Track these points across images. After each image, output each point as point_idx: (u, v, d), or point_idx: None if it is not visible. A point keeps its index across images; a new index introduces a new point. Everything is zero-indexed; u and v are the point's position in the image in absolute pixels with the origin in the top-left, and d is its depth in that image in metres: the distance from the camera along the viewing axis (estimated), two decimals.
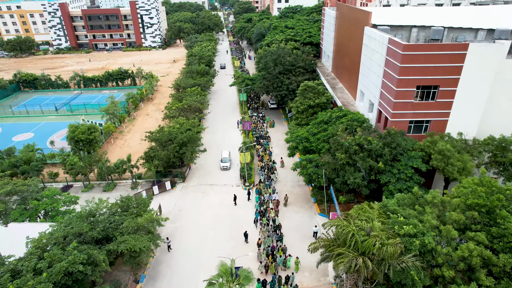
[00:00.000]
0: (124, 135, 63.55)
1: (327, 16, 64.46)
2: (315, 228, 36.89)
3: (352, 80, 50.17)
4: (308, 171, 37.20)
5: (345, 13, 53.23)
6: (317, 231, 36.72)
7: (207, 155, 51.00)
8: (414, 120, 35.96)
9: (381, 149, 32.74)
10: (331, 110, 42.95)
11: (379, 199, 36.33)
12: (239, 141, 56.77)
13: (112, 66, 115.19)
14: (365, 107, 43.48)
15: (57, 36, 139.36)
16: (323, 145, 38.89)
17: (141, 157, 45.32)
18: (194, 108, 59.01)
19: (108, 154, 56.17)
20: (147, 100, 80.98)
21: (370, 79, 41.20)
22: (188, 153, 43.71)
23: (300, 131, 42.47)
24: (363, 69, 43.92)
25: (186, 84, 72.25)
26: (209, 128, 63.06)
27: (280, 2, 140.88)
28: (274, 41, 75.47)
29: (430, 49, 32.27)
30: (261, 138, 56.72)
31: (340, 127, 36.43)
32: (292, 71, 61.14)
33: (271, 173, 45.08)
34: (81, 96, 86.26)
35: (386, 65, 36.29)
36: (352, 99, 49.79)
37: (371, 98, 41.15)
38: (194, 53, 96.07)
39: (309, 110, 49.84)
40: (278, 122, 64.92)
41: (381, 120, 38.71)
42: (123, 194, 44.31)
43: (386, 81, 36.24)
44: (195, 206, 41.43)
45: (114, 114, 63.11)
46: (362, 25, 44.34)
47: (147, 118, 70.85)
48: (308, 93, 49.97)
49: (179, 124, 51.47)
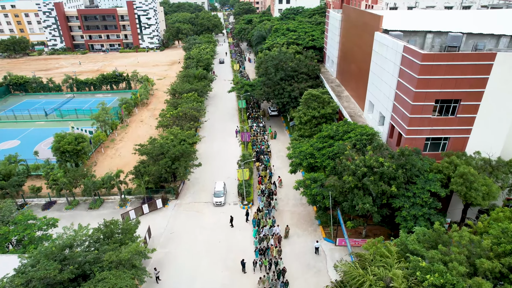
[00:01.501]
0: (116, 143, 59.90)
1: (331, 19, 60.86)
2: (316, 244, 33.74)
3: (359, 89, 46.57)
4: (312, 192, 33.58)
5: (352, 16, 49.63)
6: (318, 247, 33.68)
7: (203, 168, 47.36)
8: (431, 137, 32.35)
9: (394, 171, 29.14)
10: (337, 123, 39.29)
11: (392, 224, 32.77)
12: (237, 152, 53.16)
13: (107, 68, 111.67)
14: (375, 120, 39.86)
15: (52, 36, 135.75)
16: (329, 162, 35.27)
17: (130, 171, 41.67)
18: (189, 116, 55.38)
19: (98, 165, 52.58)
20: (141, 105, 77.33)
21: (381, 89, 37.59)
22: (181, 168, 40.07)
23: (303, 146, 38.83)
24: (373, 78, 40.32)
25: (183, 89, 68.62)
26: (206, 137, 59.41)
27: (281, 3, 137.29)
28: (275, 44, 71.87)
29: (453, 59, 28.66)
30: (262, 153, 51.63)
31: (348, 146, 32.75)
32: (295, 77, 57.51)
33: (271, 199, 40.45)
34: (73, 100, 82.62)
35: (400, 76, 32.68)
36: (360, 110, 46.17)
37: (382, 111, 37.55)
38: (192, 55, 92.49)
39: (313, 121, 46.23)
40: (279, 130, 61.27)
41: (394, 136, 35.09)
42: (111, 212, 41.05)
43: (400, 94, 32.62)
44: (188, 228, 37.75)
45: (105, 121, 59.47)
46: (371, 30, 40.74)
47: (141, 125, 67.19)
48: (312, 102, 46.34)
49: (173, 135, 47.88)
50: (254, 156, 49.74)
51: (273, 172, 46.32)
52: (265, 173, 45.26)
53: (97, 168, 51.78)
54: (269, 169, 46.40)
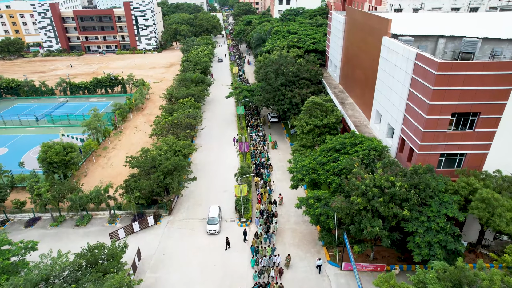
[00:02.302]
0: (108, 152, 57.08)
1: (334, 21, 58.07)
2: (318, 262, 31.19)
3: (365, 97, 43.79)
4: (315, 212, 30.79)
5: (356, 19, 46.84)
6: (321, 265, 31.19)
7: (199, 180, 44.55)
8: (446, 153, 29.57)
9: (407, 192, 26.35)
10: (344, 135, 36.45)
11: (402, 247, 29.95)
12: (235, 163, 50.33)
13: (104, 71, 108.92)
14: (383, 131, 37.07)
15: (47, 37, 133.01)
16: (334, 178, 32.49)
17: (120, 186, 38.86)
18: (185, 124, 52.56)
19: (88, 175, 49.79)
20: (136, 110, 74.52)
21: (390, 99, 34.81)
22: (175, 183, 37.24)
23: (306, 159, 36.01)
24: (380, 86, 37.53)
25: (179, 95, 65.84)
26: (202, 145, 56.59)
27: (281, 4, 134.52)
28: (275, 47, 69.09)
29: (472, 69, 25.88)
30: (261, 166, 47.90)
31: (356, 163, 29.94)
32: (296, 83, 54.71)
33: (271, 222, 36.63)
34: (66, 105, 79.83)
35: (412, 86, 29.90)
36: (365, 119, 43.37)
37: (391, 122, 34.75)
38: (189, 58, 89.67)
39: (315, 130, 43.45)
40: (280, 138, 58.43)
41: (404, 150, 32.31)
42: (99, 229, 38.23)
43: (412, 105, 29.83)
44: (181, 249, 34.90)
45: (97, 128, 56.65)
46: (378, 34, 37.95)
47: (135, 132, 64.37)
48: (315, 111, 43.54)
49: (167, 145, 45.05)
50: (253, 169, 46.41)
51: (273, 189, 42.86)
52: (264, 190, 41.83)
53: (87, 179, 49.02)
54: (269, 185, 42.93)
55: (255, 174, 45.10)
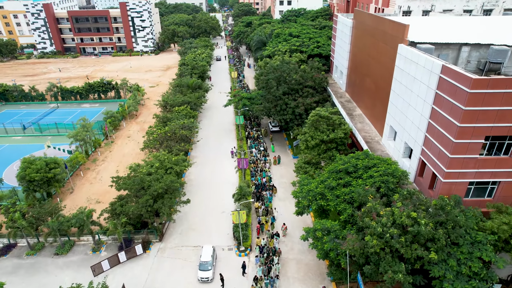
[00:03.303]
0: (98, 164, 53.09)
1: (340, 25, 54.07)
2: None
3: (376, 109, 39.82)
4: (324, 247, 26.83)
5: (366, 23, 42.84)
6: None
7: (193, 200, 40.57)
8: (476, 181, 25.62)
9: (433, 230, 22.41)
10: (355, 155, 32.38)
11: None
12: (233, 179, 46.28)
13: (98, 74, 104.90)
14: (398, 150, 33.09)
15: (41, 39, 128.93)
16: (345, 206, 28.52)
17: (105, 210, 34.89)
18: (180, 136, 48.60)
19: (75, 192, 45.83)
20: (130, 117, 70.52)
21: (407, 115, 30.83)
22: (165, 208, 33.24)
23: (312, 182, 32.02)
24: (395, 99, 33.55)
25: (174, 102, 61.86)
26: (198, 158, 52.62)
27: (282, 4, 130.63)
28: (276, 52, 65.13)
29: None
30: (263, 188, 42.63)
31: (370, 195, 25.93)
32: (299, 91, 50.70)
33: (272, 262, 31.70)
34: (57, 111, 75.90)
35: (436, 103, 25.93)
36: (377, 133, 39.39)
37: (408, 141, 30.77)
38: (186, 61, 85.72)
39: (321, 145, 39.49)
40: (282, 149, 54.40)
41: (425, 175, 28.34)
42: (81, 258, 34.21)
43: (436, 126, 25.87)
44: (172, 285, 30.93)
45: (85, 140, 52.67)
46: (393, 41, 33.97)
47: (128, 142, 60.37)
48: (321, 124, 39.57)
49: (159, 161, 41.13)
50: (253, 190, 41.86)
51: (276, 217, 38.19)
52: (266, 218, 36.98)
53: (73, 196, 45.08)
54: (270, 212, 38.17)
55: (256, 198, 40.64)
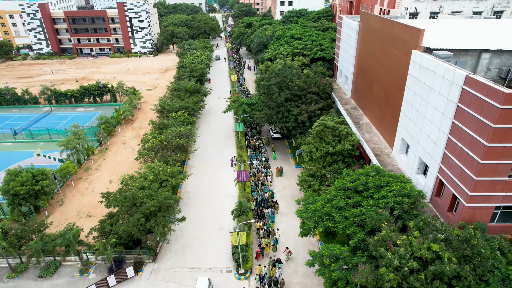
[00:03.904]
0: (91, 173, 50.49)
1: (345, 27, 51.47)
2: None
3: (385, 118, 37.24)
4: (332, 275, 24.25)
5: (374, 26, 40.24)
6: None
7: (190, 215, 38.09)
8: (503, 205, 23.04)
9: (459, 267, 19.82)
10: (365, 170, 29.73)
11: None
12: (232, 191, 43.65)
13: (95, 76, 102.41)
14: (411, 165, 30.49)
15: (37, 40, 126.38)
16: (355, 230, 25.91)
17: (94, 228, 32.31)
18: (176, 145, 46.01)
19: (64, 205, 43.24)
20: (126, 122, 67.93)
21: (422, 128, 28.25)
22: (159, 227, 30.63)
23: (318, 201, 29.41)
24: (408, 110, 30.96)
25: (171, 107, 59.28)
26: (196, 167, 50.02)
27: (283, 5, 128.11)
28: (278, 55, 62.56)
29: None
30: (264, 205, 39.34)
31: (384, 222, 23.31)
32: (302, 98, 48.10)
33: None
34: (51, 115, 73.35)
35: (458, 118, 23.34)
36: (386, 145, 36.79)
37: (424, 157, 28.19)
38: (185, 64, 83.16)
39: (327, 158, 36.91)
40: (284, 158, 51.75)
41: (444, 196, 25.76)
42: (67, 282, 31.55)
43: (458, 143, 23.28)
44: None
45: (77, 148, 50.07)
46: (406, 47, 31.39)
47: (123, 149, 57.75)
48: (327, 135, 36.97)
49: (153, 173, 38.58)
50: (254, 206, 39.01)
51: (278, 238, 34.76)
52: (267, 241, 33.62)
53: (62, 209, 42.50)
54: (272, 234, 34.95)
55: (257, 216, 37.75)
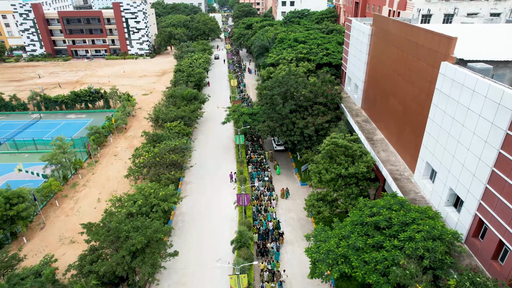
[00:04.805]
0: (78, 190, 46.30)
1: (355, 31, 47.23)
2: None
3: (404, 136, 33.01)
4: None
5: (391, 31, 35.99)
6: None
7: (184, 243, 33.92)
8: None
9: None
10: (386, 202, 25.37)
11: None
12: (232, 214, 39.39)
13: (89, 79, 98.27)
14: (439, 195, 26.25)
15: (30, 41, 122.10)
16: (377, 278, 21.68)
17: (72, 265, 28.12)
18: (170, 161, 41.82)
19: (46, 228, 39.13)
20: (118, 130, 63.71)
21: (454, 154, 24.03)
22: (146, 266, 26.44)
23: (331, 237, 25.15)
24: (434, 130, 26.75)
25: (166, 117, 55.07)
26: (192, 184, 45.79)
27: (285, 5, 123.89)
28: (281, 60, 58.30)
29: None
30: (268, 236, 34.31)
31: (413, 277, 19.08)
32: (308, 109, 43.87)
33: None
34: (39, 123, 69.18)
35: (507, 148, 19.10)
36: (405, 166, 32.54)
37: (456, 188, 23.96)
38: (182, 68, 78.91)
39: (338, 180, 32.69)
40: (287, 173, 47.52)
41: (486, 239, 21.51)
42: None
43: (508, 179, 19.06)
44: None
45: (62, 164, 45.85)
46: (432, 57, 27.17)
47: (114, 161, 53.53)
48: (338, 155, 32.76)
49: (143, 196, 34.39)
50: (256, 237, 34.20)
51: (284, 282, 29.91)
52: (271, 285, 28.97)
53: (44, 233, 38.36)
54: (277, 276, 30.18)
55: (259, 253, 33.18)
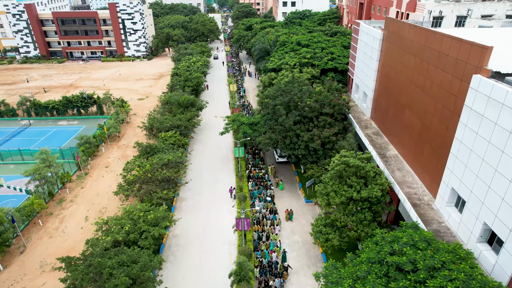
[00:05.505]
0: (64, 207, 42.85)
1: (363, 35, 43.76)
2: None
3: (422, 154, 29.53)
4: None
5: (406, 37, 32.51)
6: None
7: (178, 270, 30.44)
8: None
9: None
10: (408, 235, 21.89)
11: None
12: (231, 238, 35.79)
13: (83, 83, 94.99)
14: (468, 229, 22.78)
15: (24, 42, 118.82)
16: None
17: None
18: (162, 178, 38.35)
19: (27, 251, 35.75)
20: (111, 139, 60.28)
21: (490, 184, 20.57)
22: None
23: (344, 277, 21.65)
24: (463, 153, 23.28)
25: (161, 126, 51.60)
26: (188, 201, 42.33)
27: (286, 6, 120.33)
28: (283, 65, 54.83)
29: None
30: (271, 271, 30.36)
31: None
32: (314, 120, 40.42)
33: None
34: (28, 130, 65.82)
35: None
36: (424, 189, 29.06)
37: (492, 224, 20.50)
38: (179, 71, 75.48)
39: (349, 204, 29.25)
40: (290, 188, 44.10)
41: None
42: None
43: None
44: None
45: (47, 179, 42.35)
46: (461, 69, 23.72)
47: (105, 174, 50.06)
48: (350, 177, 29.30)
49: (132, 220, 30.95)
50: (257, 272, 30.31)
51: None
52: None
53: (24, 258, 34.96)
54: None
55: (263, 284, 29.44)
